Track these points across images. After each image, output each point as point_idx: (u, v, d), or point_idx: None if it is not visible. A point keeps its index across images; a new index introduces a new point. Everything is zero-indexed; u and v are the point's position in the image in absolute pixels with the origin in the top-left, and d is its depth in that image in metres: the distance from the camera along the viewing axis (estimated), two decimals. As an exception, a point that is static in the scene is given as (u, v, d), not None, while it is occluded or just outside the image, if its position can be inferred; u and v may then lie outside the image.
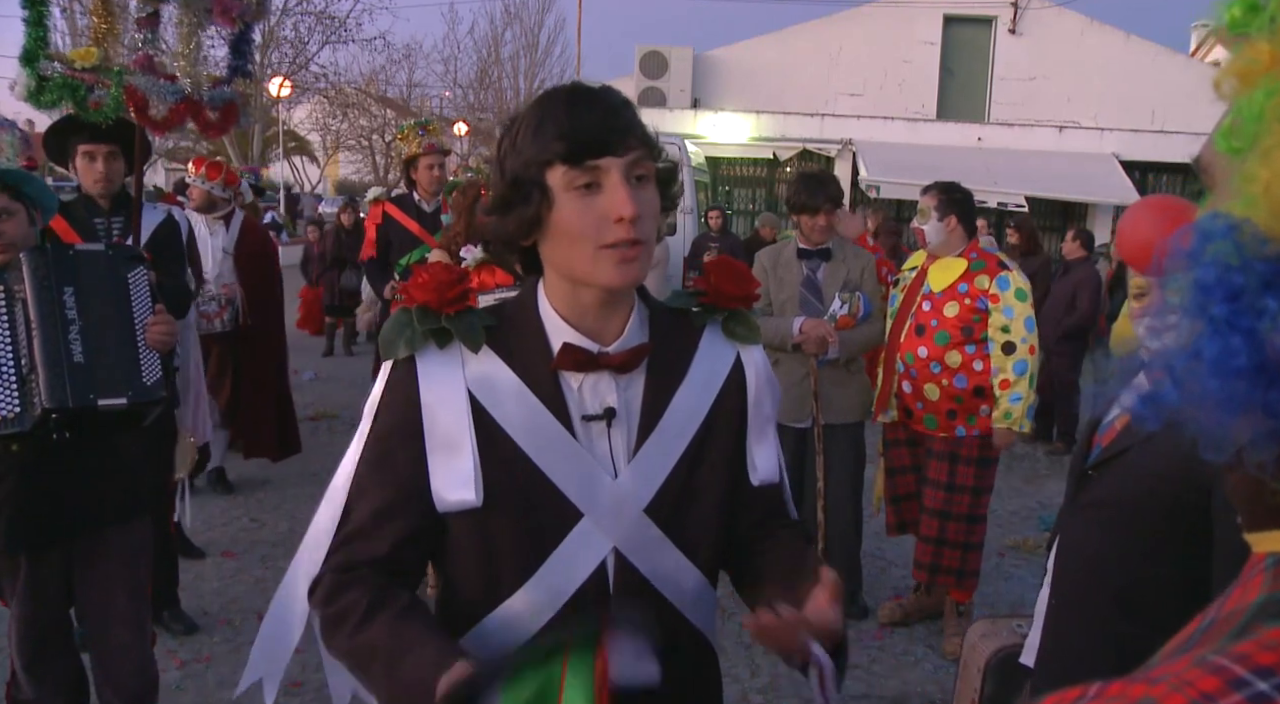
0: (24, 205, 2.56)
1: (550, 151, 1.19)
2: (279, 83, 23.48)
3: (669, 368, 1.35)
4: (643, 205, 1.20)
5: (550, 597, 1.28)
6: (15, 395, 2.42)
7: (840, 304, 4.08)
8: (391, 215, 5.37)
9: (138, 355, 2.61)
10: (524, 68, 30.40)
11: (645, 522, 1.30)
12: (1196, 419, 0.59)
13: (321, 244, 11.00)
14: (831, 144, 17.20)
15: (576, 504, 1.27)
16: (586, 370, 1.29)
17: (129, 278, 2.68)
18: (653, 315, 1.37)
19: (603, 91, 1.24)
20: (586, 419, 1.29)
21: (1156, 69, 17.28)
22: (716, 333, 1.41)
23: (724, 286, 1.42)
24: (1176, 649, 0.64)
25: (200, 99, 3.26)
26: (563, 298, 1.29)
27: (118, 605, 2.68)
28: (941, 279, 3.99)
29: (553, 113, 1.21)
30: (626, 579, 1.30)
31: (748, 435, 1.40)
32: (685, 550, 1.34)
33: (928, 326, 3.98)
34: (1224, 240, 0.57)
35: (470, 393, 1.27)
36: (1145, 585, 2.03)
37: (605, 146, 1.19)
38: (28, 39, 3.07)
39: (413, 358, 1.29)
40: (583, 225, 1.20)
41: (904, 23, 17.70)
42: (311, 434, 7.17)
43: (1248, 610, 0.60)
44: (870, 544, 4.94)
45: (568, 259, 1.24)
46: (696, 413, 1.35)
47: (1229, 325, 0.56)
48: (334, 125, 30.03)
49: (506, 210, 1.24)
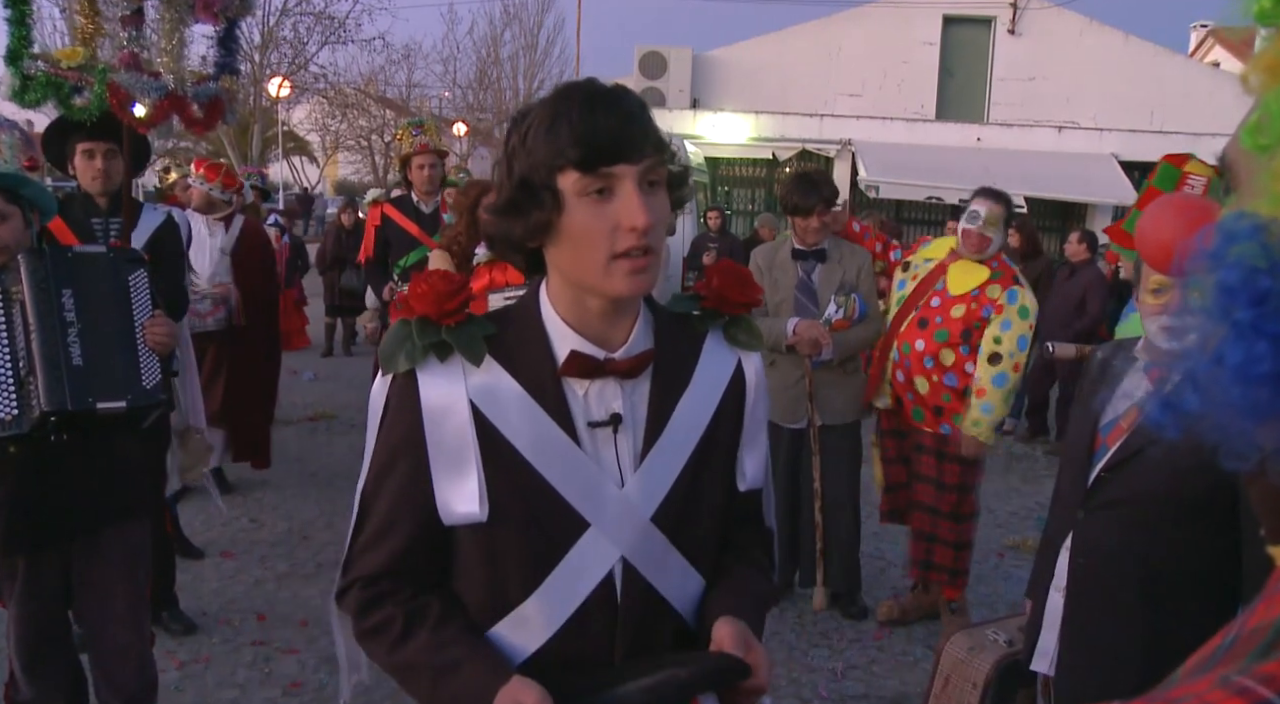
0: (20, 208, 2.55)
1: (563, 156, 1.16)
2: (279, 83, 23.47)
3: (673, 374, 1.33)
4: (655, 213, 1.18)
5: (558, 607, 1.26)
6: (13, 398, 2.42)
7: (835, 308, 4.09)
8: (390, 216, 5.37)
9: (137, 358, 2.60)
10: (523, 68, 30.38)
11: (652, 530, 1.28)
12: (1218, 427, 0.57)
13: (322, 244, 11.00)
14: (831, 144, 17.20)
15: (583, 514, 1.26)
16: (593, 377, 1.27)
17: (130, 280, 2.68)
18: (657, 319, 1.35)
19: (619, 94, 1.21)
20: (592, 426, 1.27)
21: (1156, 69, 17.29)
22: (718, 338, 1.39)
23: (727, 292, 1.40)
24: (1198, 667, 0.61)
25: (184, 95, 3.25)
26: (567, 303, 1.27)
27: (116, 606, 2.67)
28: (961, 283, 4.02)
29: (567, 114, 1.17)
30: (634, 588, 1.28)
31: (740, 441, 1.39)
32: (689, 557, 1.32)
33: (931, 321, 4.03)
34: (1250, 242, 0.55)
35: (473, 404, 1.25)
36: (1171, 579, 2.04)
37: (620, 153, 1.16)
38: (11, 38, 3.08)
39: (413, 371, 1.27)
40: (594, 232, 1.17)
41: (903, 23, 17.71)
42: (311, 434, 7.18)
43: (1272, 628, 0.57)
44: (869, 545, 4.94)
45: (577, 266, 1.21)
46: (700, 420, 1.33)
47: (1254, 330, 0.54)
48: (333, 126, 30.01)
49: (514, 212, 1.21)
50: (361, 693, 3.50)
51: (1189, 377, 0.58)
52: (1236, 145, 0.60)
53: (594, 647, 1.28)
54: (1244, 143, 0.59)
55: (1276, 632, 0.57)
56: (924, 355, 4.01)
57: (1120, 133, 16.95)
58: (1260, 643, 0.57)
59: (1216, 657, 0.60)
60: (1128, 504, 2.09)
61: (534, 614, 1.27)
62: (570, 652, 1.28)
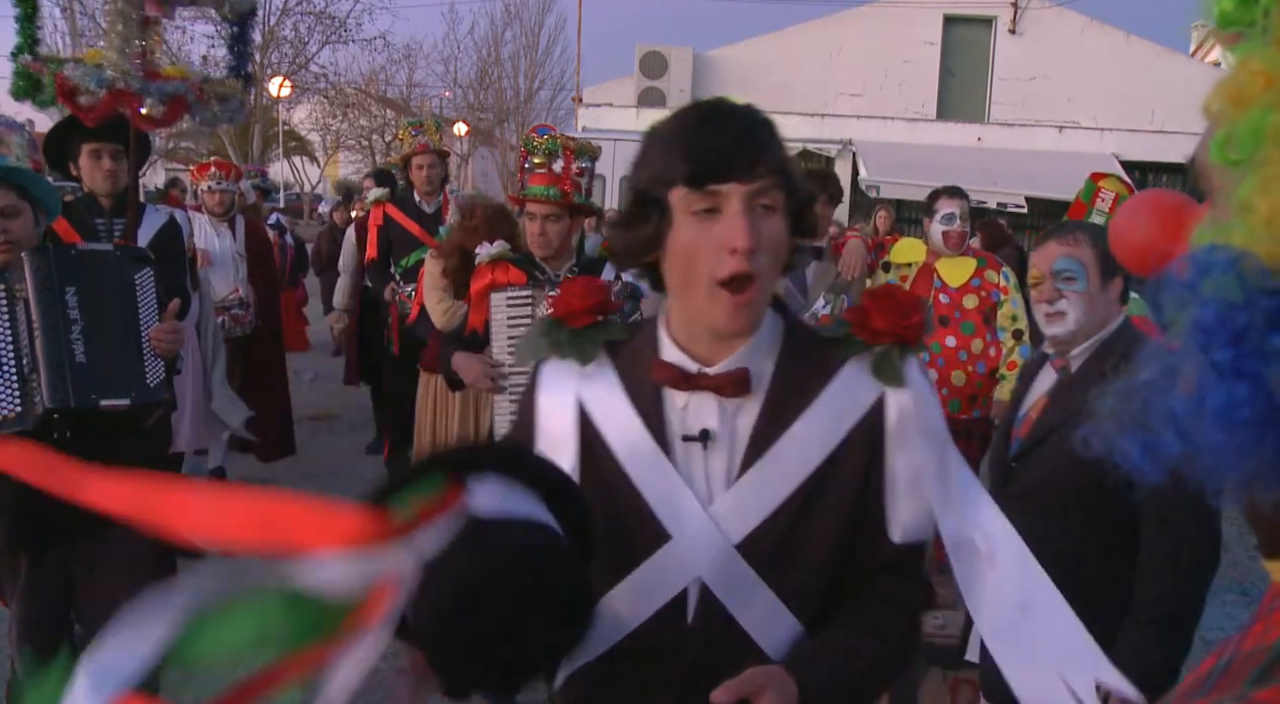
0: (30, 205, 2.56)
1: (674, 171, 1.16)
2: (279, 82, 23.49)
3: (789, 397, 1.25)
4: (761, 238, 1.15)
5: (629, 613, 1.25)
6: (16, 395, 2.42)
7: (824, 304, 4.26)
8: (392, 217, 5.38)
9: (141, 356, 2.60)
10: (524, 68, 30.37)
11: (736, 557, 1.23)
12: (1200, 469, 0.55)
13: (316, 244, 10.99)
14: (831, 144, 17.19)
15: (665, 526, 1.24)
16: (683, 388, 1.26)
17: (136, 279, 2.68)
18: (789, 341, 1.28)
19: (740, 112, 1.20)
20: (685, 439, 1.26)
21: (1156, 69, 17.28)
22: (861, 369, 1.26)
23: (873, 319, 1.27)
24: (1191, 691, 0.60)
25: (126, 88, 3.18)
26: (679, 321, 1.28)
27: (118, 607, 2.67)
28: (957, 276, 4.25)
29: (684, 129, 1.18)
30: (708, 613, 1.24)
31: (886, 490, 1.26)
32: (782, 596, 1.24)
33: (951, 318, 4.21)
34: (1225, 274, 0.53)
35: (580, 404, 1.31)
36: (1077, 564, 2.09)
37: (729, 172, 1.14)
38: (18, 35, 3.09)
39: (538, 365, 1.36)
40: (698, 251, 1.16)
41: (904, 23, 17.70)
42: (311, 434, 7.17)
43: (1270, 651, 0.56)
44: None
45: (684, 287, 1.22)
46: (815, 449, 1.23)
47: (1234, 372, 0.52)
48: (334, 125, 30.03)
49: (629, 224, 1.23)
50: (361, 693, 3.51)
51: (1169, 419, 0.56)
52: (1206, 155, 0.58)
53: (660, 659, 1.26)
54: (1212, 156, 0.57)
55: (1274, 656, 0.56)
56: (957, 351, 4.18)
57: (1121, 133, 16.95)
58: (1257, 667, 0.56)
59: (1212, 680, 0.59)
60: (1034, 493, 2.15)
61: (608, 614, 1.24)
62: (637, 658, 1.27)
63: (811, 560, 1.25)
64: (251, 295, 5.55)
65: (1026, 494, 2.17)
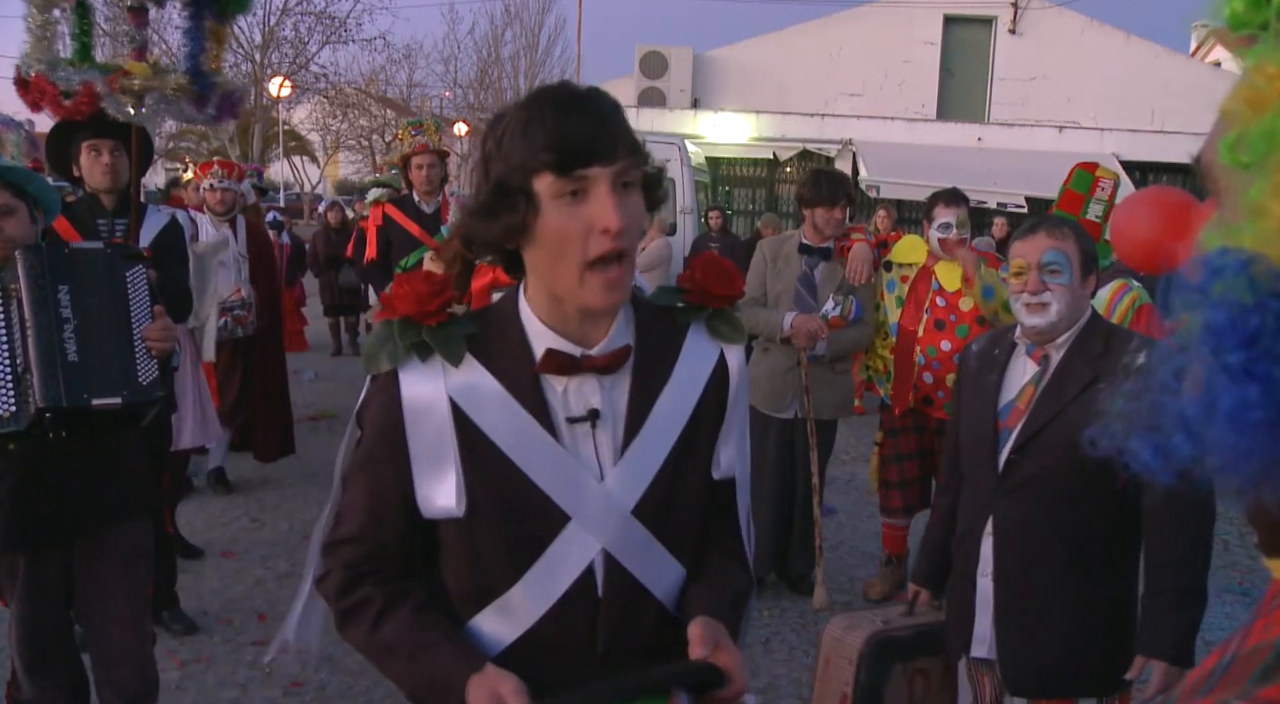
0: (25, 204, 2.55)
1: (538, 159, 1.17)
2: (279, 82, 23.49)
3: (654, 368, 1.34)
4: (628, 215, 1.19)
5: (540, 597, 1.29)
6: (10, 394, 2.42)
7: (834, 306, 4.21)
8: (392, 217, 5.38)
9: (134, 355, 2.58)
10: (524, 68, 30.40)
11: (633, 523, 1.30)
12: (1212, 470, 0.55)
13: (312, 244, 11.00)
14: (831, 144, 17.19)
15: (563, 508, 1.28)
16: (570, 373, 1.29)
17: (127, 277, 2.67)
18: (638, 313, 1.36)
19: (592, 96, 1.23)
20: (571, 421, 1.29)
21: (1156, 69, 17.28)
22: (701, 331, 1.41)
23: (710, 285, 1.40)
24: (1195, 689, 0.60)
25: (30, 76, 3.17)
26: (544, 305, 1.29)
27: (117, 607, 2.67)
28: (954, 279, 4.19)
29: (541, 117, 1.18)
30: (615, 578, 1.31)
31: (720, 432, 1.40)
32: (670, 547, 1.34)
33: (947, 322, 4.17)
34: (1236, 277, 0.53)
35: (453, 402, 1.28)
36: (1091, 543, 2.18)
37: (594, 156, 1.17)
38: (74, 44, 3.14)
39: (395, 371, 1.29)
40: (568, 235, 1.18)
41: (904, 23, 17.70)
42: (311, 434, 7.17)
43: (1273, 649, 0.56)
44: (870, 543, 4.96)
45: (552, 271, 1.23)
46: (681, 413, 1.35)
47: (1246, 374, 0.52)
48: (334, 125, 30.05)
49: (490, 215, 1.23)
50: (362, 693, 3.52)
51: (1180, 421, 0.56)
52: (1214, 156, 0.58)
53: (576, 635, 1.31)
54: (1222, 158, 0.56)
55: (1277, 653, 0.56)
56: (953, 354, 4.13)
57: (1121, 132, 16.94)
58: (1260, 664, 0.56)
59: (1215, 678, 0.59)
60: (1040, 480, 2.19)
61: (516, 603, 1.30)
62: (552, 640, 1.31)
63: (690, 510, 1.37)
64: (253, 296, 5.55)
65: (1028, 484, 2.20)
